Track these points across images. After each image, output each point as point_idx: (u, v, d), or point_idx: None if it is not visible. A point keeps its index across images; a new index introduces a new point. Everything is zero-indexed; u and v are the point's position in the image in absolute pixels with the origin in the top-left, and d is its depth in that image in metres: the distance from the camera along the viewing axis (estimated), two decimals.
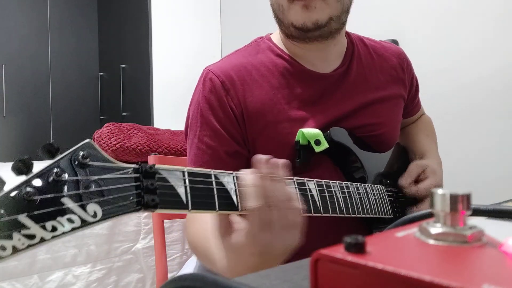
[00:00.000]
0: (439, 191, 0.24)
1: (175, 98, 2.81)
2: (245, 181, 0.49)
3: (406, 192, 0.84)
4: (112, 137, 1.54)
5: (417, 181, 0.85)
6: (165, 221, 1.08)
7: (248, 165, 0.78)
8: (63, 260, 1.30)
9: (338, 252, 0.21)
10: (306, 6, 0.74)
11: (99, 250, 1.37)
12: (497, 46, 1.58)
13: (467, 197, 0.23)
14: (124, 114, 3.16)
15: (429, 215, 0.30)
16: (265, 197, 0.49)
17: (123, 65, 3.17)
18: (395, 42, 1.83)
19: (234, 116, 0.77)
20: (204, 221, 0.67)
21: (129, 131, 1.61)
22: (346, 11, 0.80)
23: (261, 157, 0.51)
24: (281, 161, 0.52)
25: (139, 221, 1.48)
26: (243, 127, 0.77)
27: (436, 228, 0.23)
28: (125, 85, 3.18)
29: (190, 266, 0.86)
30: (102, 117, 3.51)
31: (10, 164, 0.35)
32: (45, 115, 3.37)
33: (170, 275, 1.16)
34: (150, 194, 0.40)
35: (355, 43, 0.89)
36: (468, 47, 1.66)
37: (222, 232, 0.52)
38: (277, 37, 0.87)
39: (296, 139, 0.76)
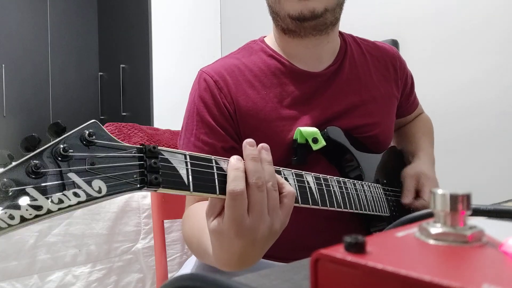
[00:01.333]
0: (439, 191, 0.24)
1: (175, 98, 2.80)
2: (230, 165, 0.48)
3: (414, 208, 0.84)
4: None
5: (417, 191, 0.85)
6: (165, 221, 1.08)
7: None
8: (63, 260, 1.30)
9: (338, 252, 0.21)
10: None
11: (99, 250, 1.37)
12: (497, 46, 1.58)
13: (467, 197, 0.23)
14: (124, 114, 3.16)
15: (429, 215, 0.30)
16: (250, 178, 0.48)
17: (123, 65, 3.17)
18: (395, 42, 1.84)
19: (228, 113, 0.78)
20: (201, 217, 0.67)
21: (129, 131, 1.61)
22: (340, 5, 0.81)
23: (245, 141, 0.50)
24: (265, 145, 0.52)
25: (139, 221, 1.48)
26: (236, 124, 0.79)
27: (436, 228, 0.23)
28: (125, 85, 3.18)
29: (189, 266, 0.86)
30: (102, 117, 3.51)
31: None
32: (45, 115, 3.37)
33: (170, 275, 1.16)
34: (153, 173, 0.42)
35: (348, 42, 0.89)
36: (468, 47, 1.66)
37: (210, 214, 0.51)
38: (270, 38, 0.88)
39: (294, 138, 0.76)
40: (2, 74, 3.14)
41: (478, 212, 0.33)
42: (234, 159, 0.49)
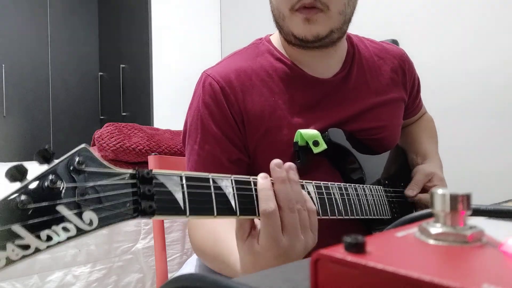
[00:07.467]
0: (439, 191, 0.24)
1: (175, 98, 2.80)
2: (259, 185, 0.49)
3: (414, 201, 0.83)
4: (112, 137, 1.53)
5: (425, 189, 0.85)
6: (165, 221, 1.08)
7: (249, 171, 0.78)
8: (63, 260, 1.30)
9: (338, 252, 0.21)
10: (307, 19, 0.73)
11: (99, 250, 1.37)
12: (497, 45, 1.58)
13: (467, 197, 0.23)
14: (124, 114, 3.16)
15: (429, 215, 0.30)
16: (282, 200, 0.49)
17: (123, 65, 3.17)
18: (395, 42, 1.83)
19: (235, 122, 0.76)
20: (212, 225, 0.66)
21: (129, 131, 1.61)
22: (347, 21, 0.79)
23: (272, 162, 0.51)
24: (292, 164, 0.52)
25: (139, 221, 1.48)
26: (243, 133, 0.76)
27: (436, 228, 0.23)
28: (125, 85, 3.18)
29: (189, 266, 0.86)
30: (102, 117, 3.51)
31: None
32: (45, 115, 3.37)
33: (170, 275, 1.16)
34: (147, 200, 0.39)
35: (355, 46, 0.88)
36: (468, 47, 1.66)
37: (241, 235, 0.52)
38: (276, 39, 0.85)
39: (294, 140, 0.75)
40: (2, 74, 3.14)
41: (478, 212, 0.33)
42: (262, 178, 0.50)
